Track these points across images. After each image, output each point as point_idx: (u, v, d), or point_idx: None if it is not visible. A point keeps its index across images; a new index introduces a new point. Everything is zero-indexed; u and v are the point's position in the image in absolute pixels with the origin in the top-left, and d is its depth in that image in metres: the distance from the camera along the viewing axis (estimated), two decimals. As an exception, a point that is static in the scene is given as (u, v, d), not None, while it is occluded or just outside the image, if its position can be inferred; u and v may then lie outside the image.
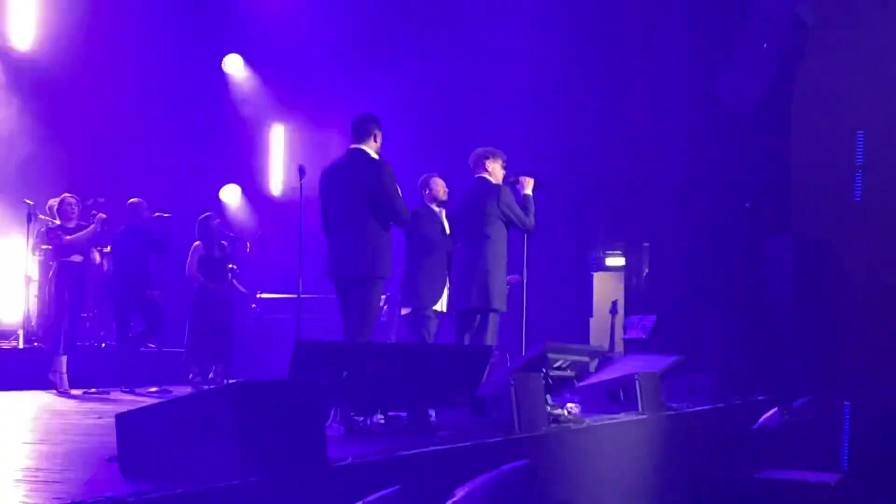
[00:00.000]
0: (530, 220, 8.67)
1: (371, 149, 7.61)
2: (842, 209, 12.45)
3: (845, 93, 12.51)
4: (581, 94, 16.30)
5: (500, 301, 8.59)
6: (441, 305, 9.16)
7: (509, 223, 8.63)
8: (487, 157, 8.74)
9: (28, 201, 12.10)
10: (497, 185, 8.65)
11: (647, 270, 15.33)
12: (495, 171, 8.73)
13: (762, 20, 11.77)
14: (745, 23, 11.83)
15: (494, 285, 8.53)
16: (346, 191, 7.54)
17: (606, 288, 16.95)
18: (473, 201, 8.66)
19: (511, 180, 8.89)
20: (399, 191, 7.59)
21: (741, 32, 11.82)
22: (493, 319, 8.60)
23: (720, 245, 12.20)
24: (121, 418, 4.27)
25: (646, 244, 15.43)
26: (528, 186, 8.81)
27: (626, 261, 17.27)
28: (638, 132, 15.82)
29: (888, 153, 12.49)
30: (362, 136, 7.62)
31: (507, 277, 9.01)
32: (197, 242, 11.51)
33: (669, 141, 13.41)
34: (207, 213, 11.76)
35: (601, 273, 17.66)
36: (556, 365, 7.21)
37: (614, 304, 15.46)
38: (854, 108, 12.45)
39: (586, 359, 8.17)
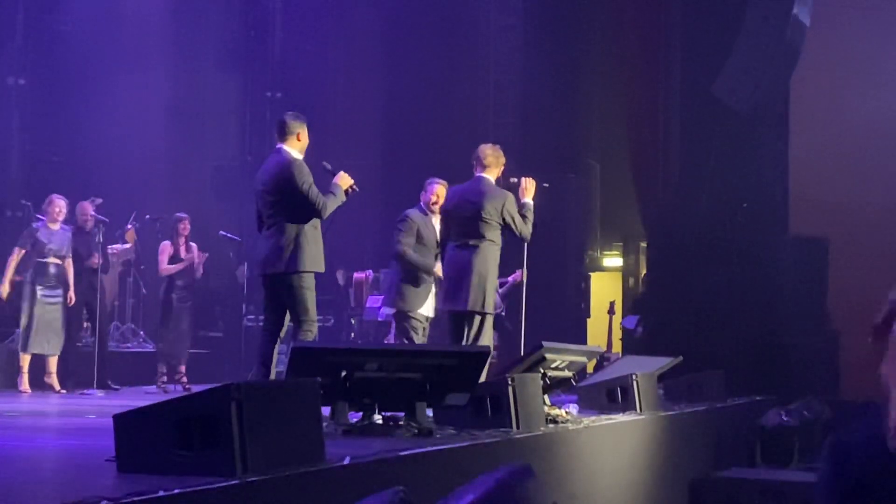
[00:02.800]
0: (528, 230, 8.47)
1: (294, 148, 7.63)
2: (841, 209, 12.45)
3: (844, 92, 12.51)
4: (579, 93, 16.31)
5: (493, 304, 8.52)
6: (427, 310, 9.05)
7: (506, 228, 8.46)
8: (489, 156, 8.56)
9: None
10: (503, 191, 8.47)
11: (644, 271, 15.32)
12: (497, 171, 8.58)
13: (762, 20, 11.76)
14: (744, 22, 11.82)
15: (489, 289, 8.43)
16: (265, 191, 7.63)
17: (604, 288, 16.97)
18: (472, 201, 8.47)
19: (513, 181, 8.79)
20: (311, 184, 7.55)
21: (740, 32, 11.81)
22: (488, 322, 8.51)
23: (718, 245, 12.18)
24: (119, 418, 4.25)
25: (643, 245, 15.43)
26: (529, 192, 8.60)
27: (624, 261, 17.29)
28: (636, 132, 15.82)
29: (887, 153, 12.50)
30: (285, 136, 7.67)
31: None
32: (165, 241, 11.65)
33: (667, 141, 13.41)
34: (178, 214, 11.83)
35: (599, 273, 17.68)
36: (554, 365, 7.20)
37: (612, 304, 15.49)
38: (853, 108, 12.45)
39: (584, 359, 8.16)
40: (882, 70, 12.72)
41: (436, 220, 9.04)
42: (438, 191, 9.07)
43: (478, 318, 8.42)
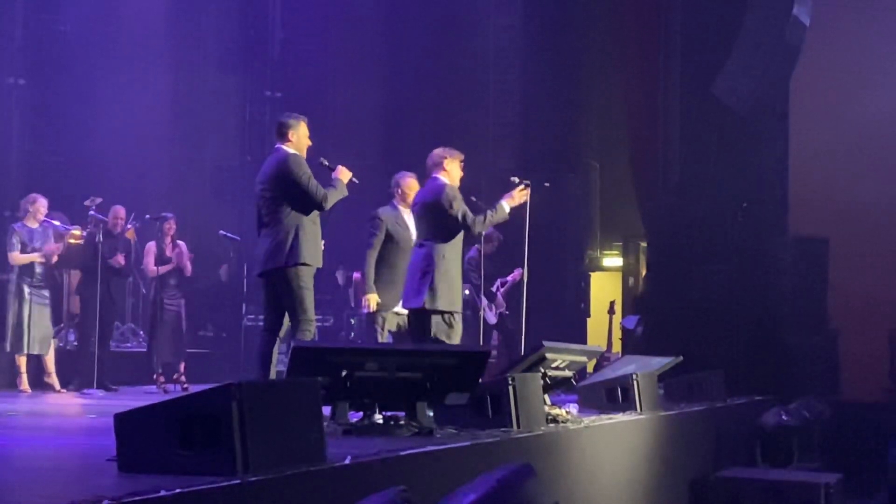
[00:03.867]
0: (477, 226, 8.26)
1: (292, 147, 7.65)
2: (841, 209, 12.46)
3: (844, 92, 12.51)
4: (579, 92, 16.30)
5: (449, 302, 8.32)
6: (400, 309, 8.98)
7: (457, 220, 8.29)
8: (445, 158, 8.50)
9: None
10: (444, 184, 8.39)
11: (644, 271, 15.32)
12: (453, 171, 8.49)
13: (762, 20, 11.76)
14: (744, 22, 11.82)
15: (442, 287, 8.26)
16: (263, 189, 7.66)
17: (604, 288, 16.97)
18: (421, 202, 8.48)
19: (513, 180, 8.74)
20: (311, 176, 7.56)
21: (740, 32, 11.82)
22: (449, 321, 8.33)
23: (718, 245, 12.18)
24: (120, 418, 4.26)
25: (643, 245, 15.43)
26: (513, 200, 8.46)
27: (624, 261, 17.28)
28: (636, 132, 15.82)
29: (887, 153, 12.50)
30: (282, 136, 7.70)
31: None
32: (150, 243, 11.64)
33: (667, 141, 13.41)
34: (163, 214, 11.82)
35: (599, 273, 17.68)
36: (554, 365, 7.20)
37: (612, 304, 15.48)
38: (853, 108, 12.45)
39: (584, 359, 8.15)
40: (882, 70, 12.73)
41: (407, 214, 8.93)
42: (409, 183, 9.01)
43: (434, 317, 8.26)
